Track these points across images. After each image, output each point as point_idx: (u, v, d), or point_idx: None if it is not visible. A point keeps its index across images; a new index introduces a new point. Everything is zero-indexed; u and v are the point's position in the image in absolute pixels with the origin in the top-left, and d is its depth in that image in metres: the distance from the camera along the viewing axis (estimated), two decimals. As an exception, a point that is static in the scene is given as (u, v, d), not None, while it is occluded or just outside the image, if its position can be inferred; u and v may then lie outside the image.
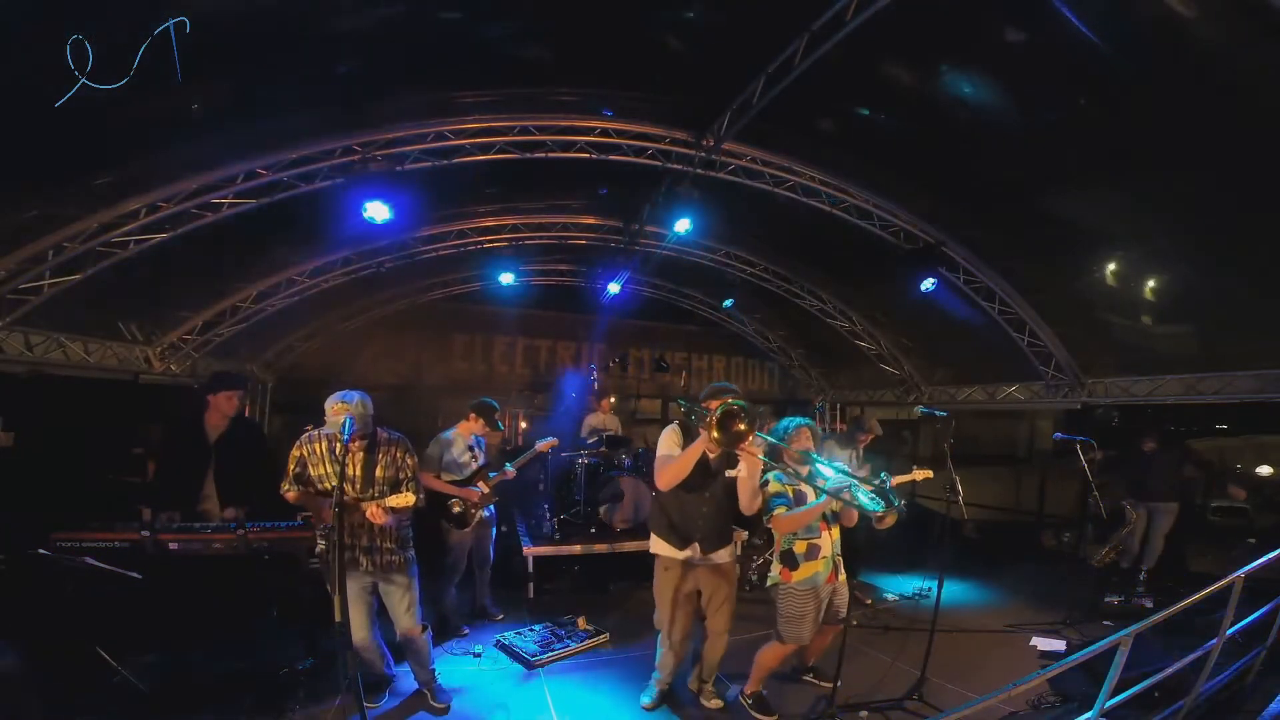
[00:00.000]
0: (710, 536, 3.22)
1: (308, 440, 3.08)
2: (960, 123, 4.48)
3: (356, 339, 8.48)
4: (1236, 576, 2.90)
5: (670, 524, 3.24)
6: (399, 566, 3.17)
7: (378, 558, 3.10)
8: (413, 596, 3.23)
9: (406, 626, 3.25)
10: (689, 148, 5.19)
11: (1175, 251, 5.02)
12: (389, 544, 3.13)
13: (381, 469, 3.10)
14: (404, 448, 3.20)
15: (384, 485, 3.09)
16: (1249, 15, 3.03)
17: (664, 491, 3.15)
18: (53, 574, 3.15)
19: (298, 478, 3.08)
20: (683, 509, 3.21)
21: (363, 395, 3.02)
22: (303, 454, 3.07)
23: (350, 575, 3.05)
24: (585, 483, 6.12)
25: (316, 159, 4.69)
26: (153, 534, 3.77)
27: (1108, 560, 5.75)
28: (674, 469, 3.01)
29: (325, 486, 3.05)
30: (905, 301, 7.36)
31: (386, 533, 3.11)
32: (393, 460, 3.13)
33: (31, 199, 4.05)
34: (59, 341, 5.13)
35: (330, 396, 2.98)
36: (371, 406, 3.04)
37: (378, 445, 3.12)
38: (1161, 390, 6.02)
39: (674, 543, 3.23)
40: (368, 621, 3.21)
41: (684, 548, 3.20)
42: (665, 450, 3.17)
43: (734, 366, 11.02)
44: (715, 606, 3.31)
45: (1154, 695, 2.85)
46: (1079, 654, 2.43)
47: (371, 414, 3.04)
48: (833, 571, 3.28)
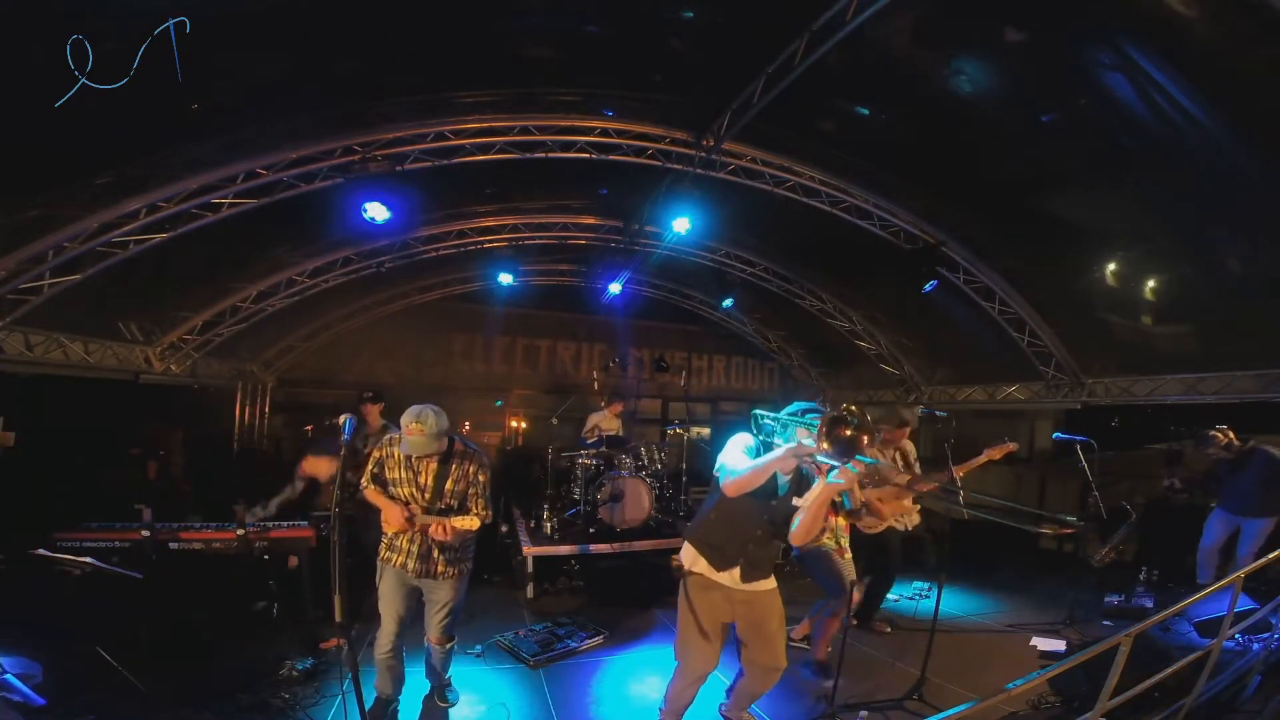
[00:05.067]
0: (753, 565, 2.84)
1: (388, 443, 3.08)
2: (960, 122, 4.48)
3: (356, 339, 8.49)
4: (1236, 576, 2.90)
5: (713, 540, 2.86)
6: (450, 577, 3.12)
7: (431, 565, 3.06)
8: (453, 608, 3.17)
9: (436, 637, 3.20)
10: (689, 148, 5.19)
11: (1175, 251, 5.03)
12: (447, 553, 3.09)
13: (452, 481, 3.06)
14: (479, 462, 3.13)
15: (452, 498, 3.05)
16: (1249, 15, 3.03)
17: (719, 504, 2.79)
18: (53, 574, 3.15)
19: (375, 478, 3.08)
20: (732, 529, 2.82)
21: (435, 410, 2.92)
22: (382, 456, 3.08)
23: (396, 574, 3.05)
24: (585, 483, 6.12)
25: (316, 159, 4.69)
26: (153, 534, 3.78)
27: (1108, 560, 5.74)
28: (748, 475, 2.62)
29: (398, 491, 3.05)
30: (905, 301, 7.38)
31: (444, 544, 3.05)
32: (464, 474, 3.08)
33: (31, 199, 4.05)
34: (59, 341, 5.13)
35: (406, 412, 2.91)
36: (445, 420, 2.96)
37: (452, 457, 3.06)
38: (1162, 390, 6.02)
39: (713, 561, 2.84)
40: (397, 628, 3.08)
41: (722, 569, 2.82)
42: (736, 459, 2.76)
43: (734, 366, 11.03)
44: (765, 637, 2.87)
45: (1154, 695, 2.85)
46: (1079, 654, 2.43)
47: (445, 427, 2.95)
48: (840, 548, 3.76)
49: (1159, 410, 6.51)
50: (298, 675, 3.53)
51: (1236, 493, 4.77)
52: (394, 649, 3.09)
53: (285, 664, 3.57)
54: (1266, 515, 4.60)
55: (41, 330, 4.95)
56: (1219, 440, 4.72)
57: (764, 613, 2.86)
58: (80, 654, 3.11)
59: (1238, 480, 4.74)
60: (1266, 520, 4.60)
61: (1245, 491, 4.67)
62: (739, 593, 2.82)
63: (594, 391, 8.12)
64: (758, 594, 2.84)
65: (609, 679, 3.90)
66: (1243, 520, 4.71)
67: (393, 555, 3.06)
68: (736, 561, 2.79)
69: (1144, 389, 6.15)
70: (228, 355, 7.07)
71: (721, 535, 2.83)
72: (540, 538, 5.55)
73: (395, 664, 3.15)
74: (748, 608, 2.84)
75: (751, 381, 11.13)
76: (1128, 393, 6.30)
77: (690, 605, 2.85)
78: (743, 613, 2.85)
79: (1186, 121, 3.79)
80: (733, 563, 2.79)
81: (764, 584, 2.86)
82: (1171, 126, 3.86)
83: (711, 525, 2.87)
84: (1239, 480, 4.73)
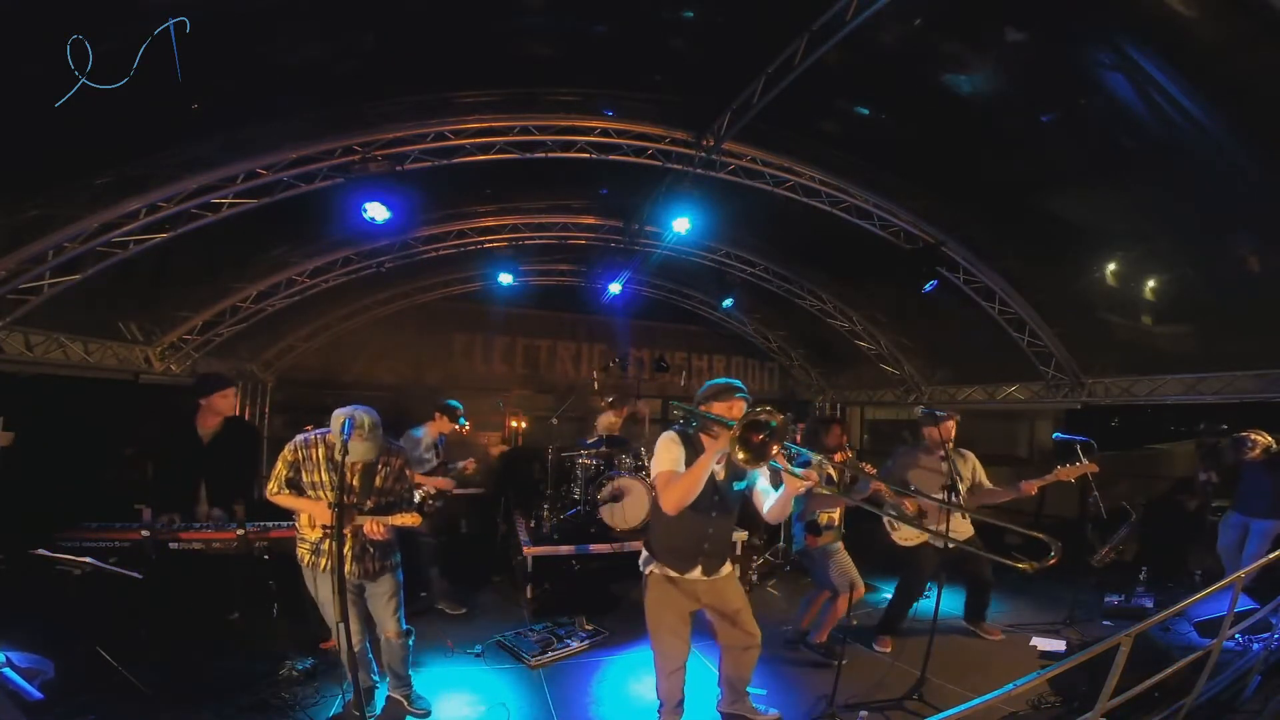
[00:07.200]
0: (712, 557, 2.89)
1: (304, 445, 2.95)
2: (960, 122, 4.48)
3: (356, 339, 8.48)
4: (1236, 576, 2.90)
5: (671, 546, 2.87)
6: (386, 570, 3.14)
7: (368, 564, 3.06)
8: (398, 601, 3.20)
9: (392, 630, 3.21)
10: (689, 148, 5.19)
11: (1175, 251, 5.02)
12: (376, 550, 3.09)
13: (381, 480, 3.03)
14: (405, 459, 3.15)
15: (381, 496, 3.03)
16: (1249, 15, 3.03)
17: (665, 514, 2.72)
18: (53, 574, 3.15)
19: (289, 482, 2.96)
20: (688, 531, 2.82)
21: (366, 410, 2.84)
22: (297, 459, 2.94)
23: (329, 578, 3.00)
24: (585, 483, 6.11)
25: (316, 159, 4.69)
26: (153, 534, 3.78)
27: (1108, 560, 5.74)
28: (681, 489, 2.58)
29: (317, 495, 2.92)
30: (905, 301, 7.37)
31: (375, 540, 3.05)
32: (393, 472, 3.07)
33: (31, 199, 4.05)
34: (59, 341, 5.13)
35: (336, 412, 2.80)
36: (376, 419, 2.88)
37: (379, 455, 3.01)
38: (1162, 390, 6.01)
39: (674, 565, 2.87)
40: (359, 627, 3.14)
41: (686, 571, 2.86)
42: (666, 466, 2.70)
43: (734, 366, 11.01)
44: (733, 616, 2.97)
45: (1154, 695, 2.85)
46: (1079, 654, 2.43)
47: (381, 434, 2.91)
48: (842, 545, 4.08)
49: (1159, 410, 6.50)
50: (297, 675, 3.53)
51: (1250, 493, 4.76)
52: (360, 645, 3.14)
53: (285, 664, 3.58)
54: (1275, 517, 4.59)
55: (41, 330, 4.94)
56: (1259, 443, 4.64)
57: (727, 594, 2.98)
58: (80, 654, 3.11)
59: (1256, 481, 4.72)
60: (1273, 522, 4.59)
61: (1262, 492, 4.66)
62: (703, 584, 2.91)
63: (594, 391, 8.11)
64: (719, 581, 2.95)
65: (609, 679, 3.90)
66: (1251, 521, 4.70)
67: (320, 559, 2.99)
68: (697, 560, 2.87)
69: (1144, 389, 6.14)
70: (228, 355, 7.06)
71: (676, 539, 2.87)
72: (540, 538, 5.55)
73: (364, 658, 3.23)
74: (712, 595, 2.95)
75: (751, 382, 11.11)
76: (1128, 393, 6.30)
77: (658, 605, 2.91)
78: (709, 601, 2.95)
79: (1186, 121, 3.78)
80: (693, 562, 2.87)
81: (724, 570, 2.96)
82: (1171, 127, 3.86)
83: (665, 531, 2.89)
84: (1257, 481, 4.71)
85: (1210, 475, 5.30)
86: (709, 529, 2.84)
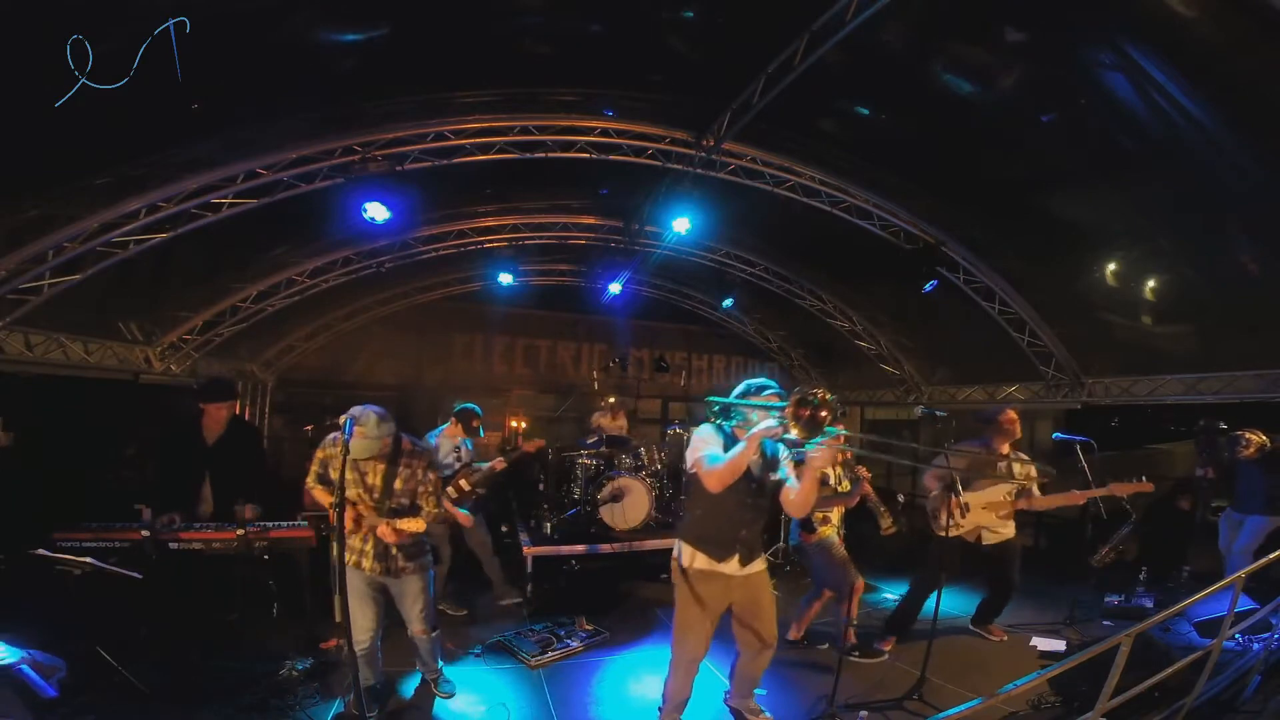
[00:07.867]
0: (748, 548, 2.94)
1: (331, 443, 3.04)
2: (960, 122, 4.48)
3: (356, 339, 8.49)
4: (1237, 576, 2.90)
5: (707, 535, 2.92)
6: (413, 571, 3.14)
7: (390, 563, 3.07)
8: (426, 599, 3.21)
9: (418, 630, 3.25)
10: (689, 148, 5.19)
11: (1175, 251, 5.02)
12: (400, 549, 3.09)
13: (401, 481, 3.04)
14: (427, 460, 3.13)
15: (402, 497, 3.05)
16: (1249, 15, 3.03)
17: (705, 500, 2.83)
18: (53, 574, 3.15)
19: (321, 478, 3.08)
20: (721, 520, 2.89)
21: (378, 411, 2.87)
22: (326, 455, 3.06)
23: (358, 574, 3.04)
24: (585, 483, 6.11)
25: (316, 159, 4.69)
26: (153, 534, 3.77)
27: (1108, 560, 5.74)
28: (726, 469, 2.64)
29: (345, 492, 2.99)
30: (905, 301, 7.37)
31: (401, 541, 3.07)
32: (413, 474, 3.07)
33: (31, 199, 4.05)
34: (59, 341, 5.13)
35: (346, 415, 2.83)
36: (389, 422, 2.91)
37: (400, 456, 3.04)
38: (1162, 390, 6.01)
39: (712, 554, 2.90)
40: (374, 625, 3.11)
41: (722, 561, 2.90)
42: (709, 450, 2.79)
43: (734, 366, 11.02)
44: (760, 614, 3.01)
45: (1154, 695, 2.85)
46: (1079, 654, 2.43)
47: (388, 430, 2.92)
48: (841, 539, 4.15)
49: (1159, 410, 6.50)
50: (298, 675, 3.53)
51: (1245, 491, 4.78)
52: (371, 643, 3.13)
53: (285, 664, 3.57)
54: (1268, 513, 4.61)
55: (41, 330, 4.94)
56: (1253, 442, 4.65)
57: (759, 591, 3.03)
58: (80, 654, 3.11)
59: (1251, 479, 4.74)
60: (1266, 518, 4.61)
61: (1256, 490, 4.68)
62: (738, 578, 2.95)
63: (594, 391, 8.11)
64: (753, 575, 3.00)
65: (609, 679, 3.90)
66: (1246, 517, 4.72)
67: (350, 555, 3.04)
68: (734, 550, 2.91)
69: (1144, 389, 6.14)
70: (228, 355, 7.06)
71: (713, 528, 2.93)
72: (540, 538, 5.55)
73: (373, 656, 3.21)
74: (745, 590, 2.98)
75: (751, 381, 11.12)
76: (1128, 393, 6.30)
77: (693, 598, 2.93)
78: (740, 595, 2.99)
79: (1186, 121, 3.78)
80: (731, 551, 2.91)
81: (758, 564, 3.02)
82: (1171, 126, 3.86)
83: (701, 520, 2.96)
84: (1252, 479, 4.73)
85: (1208, 471, 5.31)
86: (746, 515, 2.91)
